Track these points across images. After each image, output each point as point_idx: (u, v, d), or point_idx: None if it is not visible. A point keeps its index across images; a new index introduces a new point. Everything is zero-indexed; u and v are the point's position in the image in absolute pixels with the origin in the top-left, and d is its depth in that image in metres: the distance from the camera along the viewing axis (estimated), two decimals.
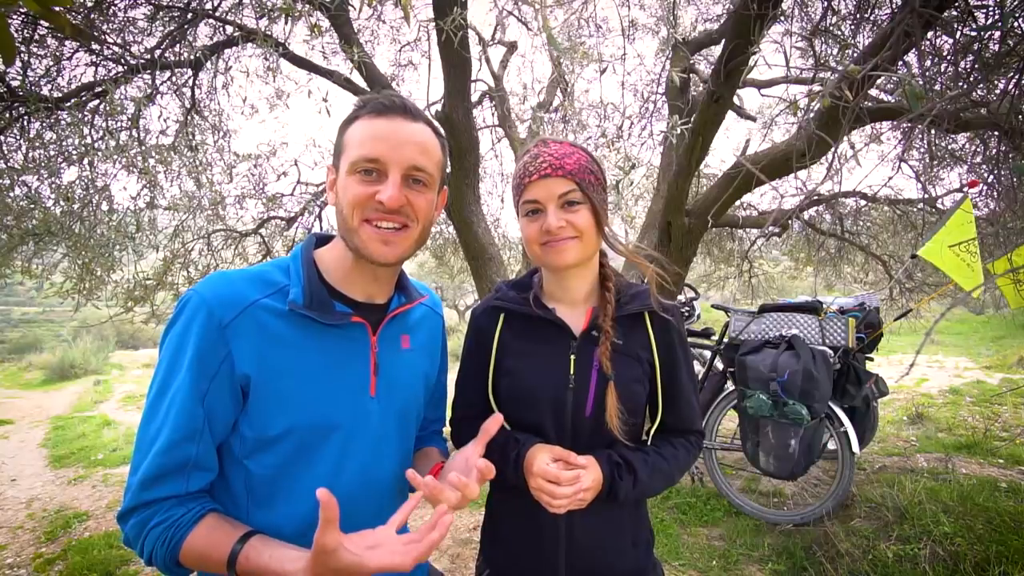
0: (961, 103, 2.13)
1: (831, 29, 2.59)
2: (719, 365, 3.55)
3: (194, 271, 4.22)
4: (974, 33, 1.76)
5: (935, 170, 4.15)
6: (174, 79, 3.64)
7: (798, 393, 2.66)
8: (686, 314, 4.14)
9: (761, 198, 5.55)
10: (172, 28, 3.33)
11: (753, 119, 5.10)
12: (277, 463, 0.86)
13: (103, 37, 3.08)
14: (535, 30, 3.56)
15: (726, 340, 3.29)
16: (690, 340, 3.90)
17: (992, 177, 2.63)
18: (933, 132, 3.00)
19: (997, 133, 2.57)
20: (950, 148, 3.69)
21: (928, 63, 2.09)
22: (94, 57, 3.19)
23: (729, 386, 3.37)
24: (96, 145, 3.27)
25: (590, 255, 1.05)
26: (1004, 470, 3.60)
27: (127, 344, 17.56)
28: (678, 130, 2.49)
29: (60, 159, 3.25)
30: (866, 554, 2.46)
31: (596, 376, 1.03)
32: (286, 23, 2.62)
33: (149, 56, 3.20)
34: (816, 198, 4.58)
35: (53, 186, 3.30)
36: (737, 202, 4.58)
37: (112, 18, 3.13)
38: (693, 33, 4.39)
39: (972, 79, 1.90)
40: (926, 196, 4.39)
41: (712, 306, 4.07)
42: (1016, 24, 1.60)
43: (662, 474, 1.05)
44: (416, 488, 0.81)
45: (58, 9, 0.50)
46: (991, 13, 1.82)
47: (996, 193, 2.65)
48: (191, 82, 3.73)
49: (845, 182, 5.58)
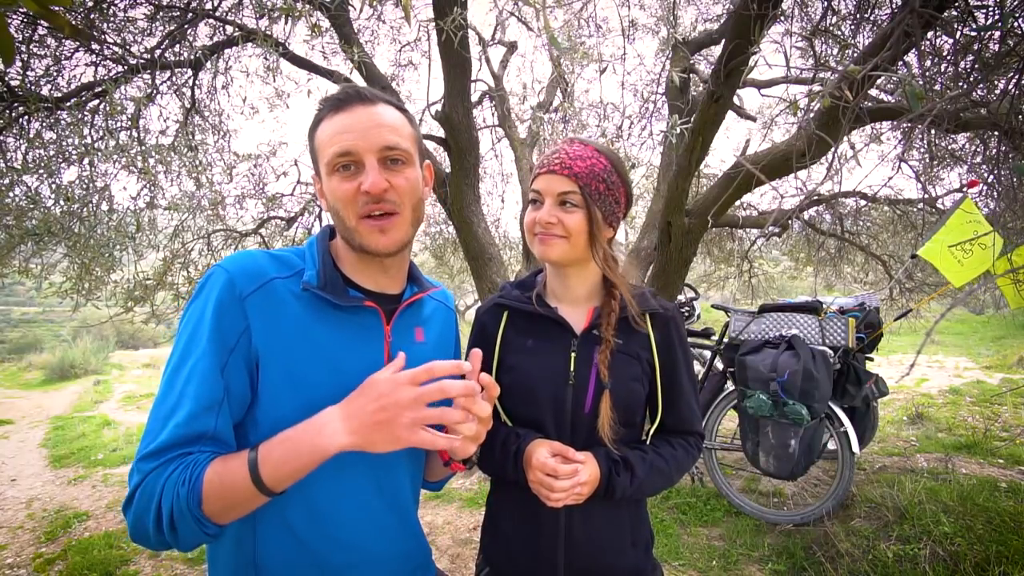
0: (961, 103, 2.13)
1: (831, 29, 2.59)
2: (719, 365, 3.55)
3: (194, 271, 4.22)
4: (974, 33, 1.76)
5: (935, 170, 4.15)
6: (174, 79, 3.64)
7: (798, 393, 2.66)
8: (686, 314, 4.14)
9: (761, 198, 5.55)
10: (172, 28, 3.33)
11: (753, 119, 5.10)
12: None
13: (103, 37, 3.08)
14: (535, 30, 3.57)
15: (726, 340, 3.29)
16: (690, 340, 3.90)
17: (992, 177, 2.63)
18: (933, 132, 3.00)
19: (997, 133, 2.57)
20: (950, 148, 3.69)
21: (928, 63, 2.09)
22: (94, 57, 3.19)
23: (729, 386, 3.37)
24: (96, 145, 3.27)
25: (577, 257, 1.07)
26: (1004, 470, 3.60)
27: (127, 344, 17.55)
28: (678, 130, 2.49)
29: (60, 159, 3.25)
30: (866, 554, 2.46)
31: (595, 374, 1.04)
32: (286, 23, 2.62)
33: (149, 56, 3.20)
34: (816, 198, 4.59)
35: (53, 186, 3.30)
36: (737, 202, 4.58)
37: (112, 18, 3.13)
38: (693, 33, 4.40)
39: (972, 79, 1.90)
40: (926, 196, 4.39)
41: (712, 306, 4.07)
42: (1016, 24, 1.60)
43: (660, 474, 1.05)
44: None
45: (57, 9, 0.50)
46: (991, 13, 1.82)
47: (996, 193, 2.65)
48: (191, 82, 3.74)
49: (845, 182, 5.59)
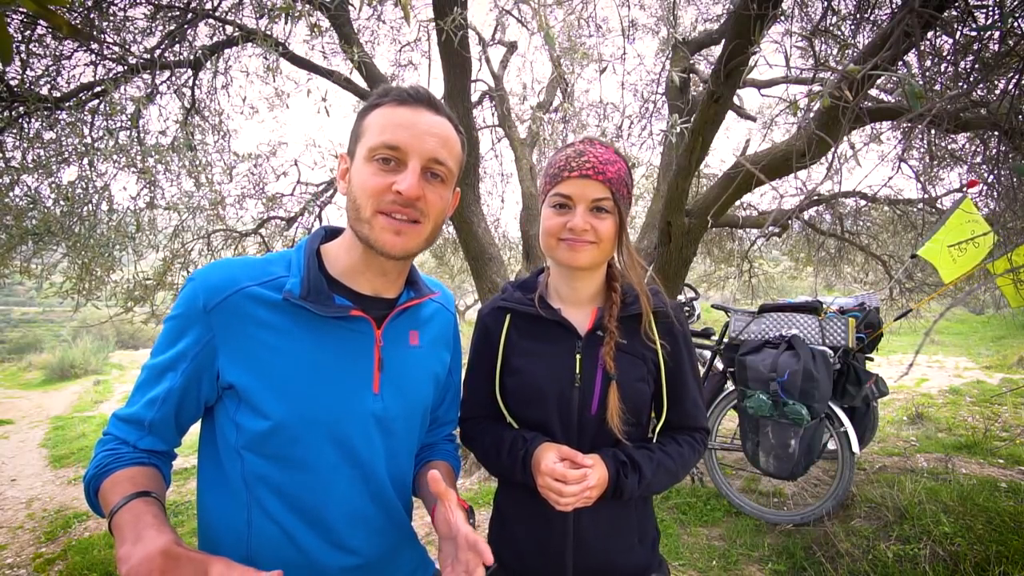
0: (961, 103, 2.13)
1: (831, 29, 2.59)
2: (719, 365, 3.55)
3: (193, 271, 4.21)
4: (974, 33, 1.76)
5: (935, 170, 4.15)
6: (174, 79, 3.64)
7: (798, 393, 2.66)
8: (686, 314, 4.14)
9: (761, 198, 5.55)
10: (172, 28, 3.33)
11: (753, 119, 5.11)
12: (274, 454, 0.85)
13: (102, 37, 3.07)
14: (534, 29, 3.57)
15: (726, 340, 3.29)
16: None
17: (992, 177, 2.63)
18: (933, 132, 3.00)
19: (997, 133, 2.57)
20: (950, 148, 3.69)
21: (928, 63, 2.09)
22: (94, 57, 3.18)
23: (729, 386, 3.37)
24: (96, 145, 3.27)
25: (602, 262, 1.07)
26: (1004, 470, 3.60)
27: (127, 344, 17.55)
28: (678, 130, 2.49)
29: (59, 159, 3.25)
30: (866, 554, 2.46)
31: (601, 375, 1.04)
32: (286, 23, 2.62)
33: (149, 56, 3.20)
34: (816, 198, 4.59)
35: (53, 186, 3.29)
36: (737, 202, 4.58)
37: (111, 17, 3.13)
38: (693, 33, 4.40)
39: (972, 79, 1.90)
40: (926, 196, 4.39)
41: (712, 306, 4.07)
42: (1016, 24, 1.60)
43: (667, 472, 1.06)
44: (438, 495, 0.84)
45: (56, 8, 0.50)
46: (991, 13, 1.82)
47: (996, 193, 2.65)
48: (191, 82, 3.73)
49: (845, 182, 5.59)
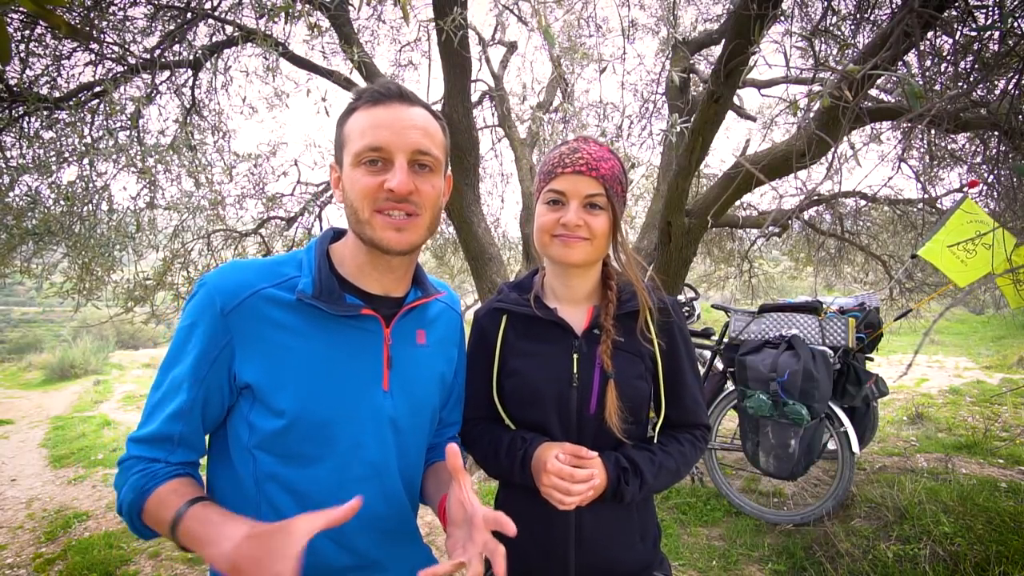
0: (961, 103, 2.13)
1: (831, 29, 2.59)
2: (719, 365, 3.55)
3: (194, 271, 4.22)
4: (974, 33, 1.76)
5: (935, 170, 4.14)
6: (174, 79, 3.64)
7: (798, 393, 2.66)
8: (686, 314, 4.14)
9: (761, 198, 5.55)
10: (172, 28, 3.33)
11: (753, 119, 5.10)
12: (286, 454, 0.86)
13: (102, 37, 3.07)
14: (534, 27, 3.57)
15: (726, 340, 3.29)
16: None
17: (992, 177, 2.63)
18: (933, 132, 3.00)
19: (997, 133, 2.57)
20: (950, 148, 3.69)
21: (928, 63, 2.09)
22: (93, 57, 3.18)
23: (729, 386, 3.37)
24: (96, 145, 3.26)
25: (596, 259, 1.07)
26: (1004, 470, 3.60)
27: (127, 344, 17.54)
28: (678, 129, 2.49)
29: (59, 159, 3.25)
30: (866, 554, 2.46)
31: (599, 374, 1.04)
32: (286, 23, 2.61)
33: (149, 56, 3.20)
34: (816, 198, 4.58)
35: (53, 186, 3.29)
36: (737, 202, 4.58)
37: (111, 17, 3.13)
38: (693, 33, 4.40)
39: (972, 79, 1.90)
40: (926, 196, 4.39)
41: (712, 306, 4.07)
42: (1016, 24, 1.60)
43: (668, 472, 1.06)
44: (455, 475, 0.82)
45: (54, 8, 0.50)
46: (991, 13, 1.82)
47: (996, 193, 2.65)
48: (191, 82, 3.73)
49: (845, 182, 5.59)
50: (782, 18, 2.51)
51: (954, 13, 1.79)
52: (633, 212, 5.35)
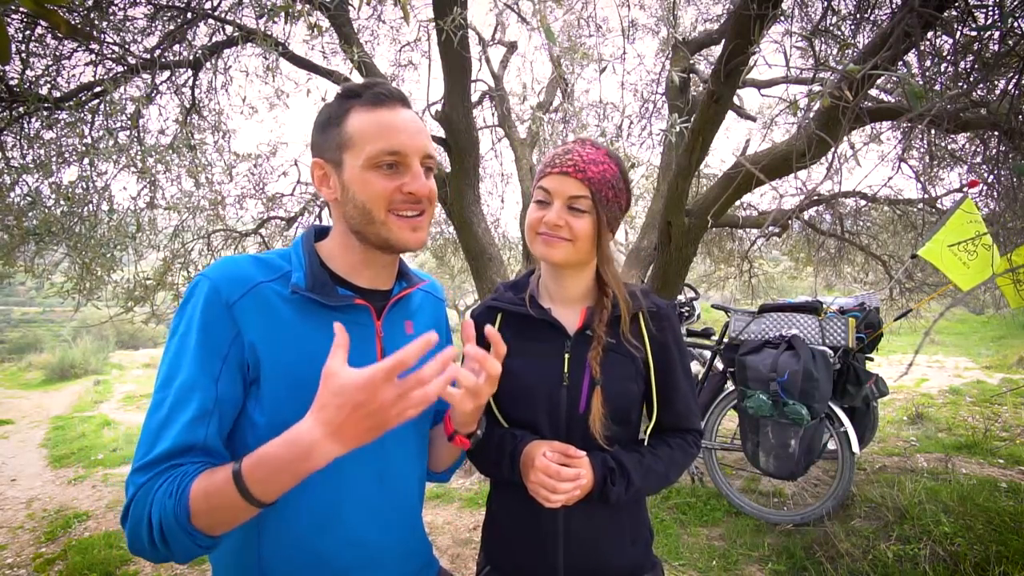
0: (961, 103, 2.13)
1: (831, 29, 2.59)
2: (719, 365, 3.55)
3: (194, 271, 4.22)
4: (974, 33, 1.76)
5: (935, 170, 4.14)
6: (174, 79, 3.64)
7: (798, 393, 2.66)
8: (686, 314, 4.14)
9: (761, 198, 5.55)
10: (172, 28, 3.33)
11: (753, 119, 5.10)
12: None
13: (102, 36, 3.07)
14: (534, 25, 3.56)
15: (726, 340, 3.29)
16: (690, 340, 3.89)
17: (992, 177, 2.63)
18: (933, 132, 3.00)
19: (997, 133, 2.57)
20: (950, 148, 3.69)
21: (928, 63, 2.09)
22: (94, 57, 3.18)
23: (729, 386, 3.37)
24: (96, 145, 3.26)
25: (579, 260, 1.07)
26: (1004, 470, 3.60)
27: (127, 344, 17.55)
28: (677, 129, 2.50)
29: (59, 159, 3.25)
30: (866, 554, 2.46)
31: (589, 374, 1.05)
32: (286, 23, 2.61)
33: (149, 56, 3.20)
34: (816, 198, 4.58)
35: (53, 186, 3.29)
36: (737, 202, 4.57)
37: (111, 17, 3.13)
38: (693, 33, 4.40)
39: (972, 79, 1.90)
40: (926, 196, 4.39)
41: (712, 306, 4.07)
42: (1016, 24, 1.60)
43: (657, 475, 1.06)
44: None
45: (55, 8, 0.50)
46: (991, 13, 1.82)
47: (996, 193, 2.65)
48: (191, 82, 3.73)
49: (845, 182, 5.59)
50: (782, 18, 2.51)
51: (954, 13, 1.78)
52: (633, 212, 5.35)
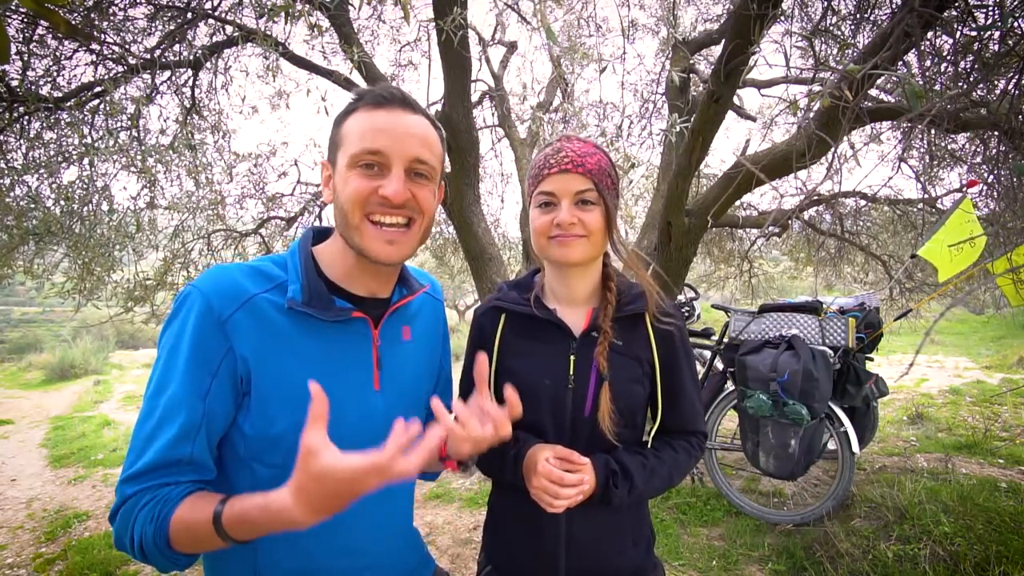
0: (961, 103, 2.13)
1: (831, 29, 2.59)
2: (719, 365, 3.55)
3: (194, 271, 4.22)
4: (974, 33, 1.76)
5: (935, 170, 4.14)
6: (174, 79, 3.64)
7: (798, 393, 2.66)
8: (686, 314, 4.14)
9: (761, 198, 5.55)
10: (172, 28, 3.33)
11: (753, 119, 5.10)
12: (284, 462, 0.84)
13: (102, 36, 3.08)
14: (534, 25, 3.57)
15: (726, 340, 3.29)
16: (690, 340, 3.89)
17: (992, 177, 2.63)
18: (933, 132, 3.00)
19: (997, 133, 2.57)
20: (950, 148, 3.69)
21: (928, 63, 2.09)
22: (94, 57, 3.18)
23: (729, 386, 3.37)
24: (96, 145, 3.26)
25: (595, 255, 1.06)
26: (1004, 470, 3.60)
27: (127, 344, 17.54)
28: (677, 129, 2.50)
29: (60, 159, 3.25)
30: (866, 554, 2.46)
31: (595, 376, 1.04)
32: (286, 22, 2.61)
33: (149, 56, 3.20)
34: (816, 198, 4.58)
35: (53, 186, 3.30)
36: (737, 202, 4.58)
37: (112, 17, 3.13)
38: (693, 33, 4.40)
39: (972, 79, 1.90)
40: (926, 196, 4.38)
41: (712, 306, 4.07)
42: (1016, 24, 1.60)
43: (660, 478, 1.05)
44: (438, 418, 0.78)
45: (55, 8, 0.50)
46: (991, 13, 1.82)
47: (996, 193, 2.65)
48: (191, 82, 3.73)
49: (845, 182, 5.59)
50: (782, 18, 2.51)
51: (954, 13, 1.79)
52: (633, 212, 5.36)
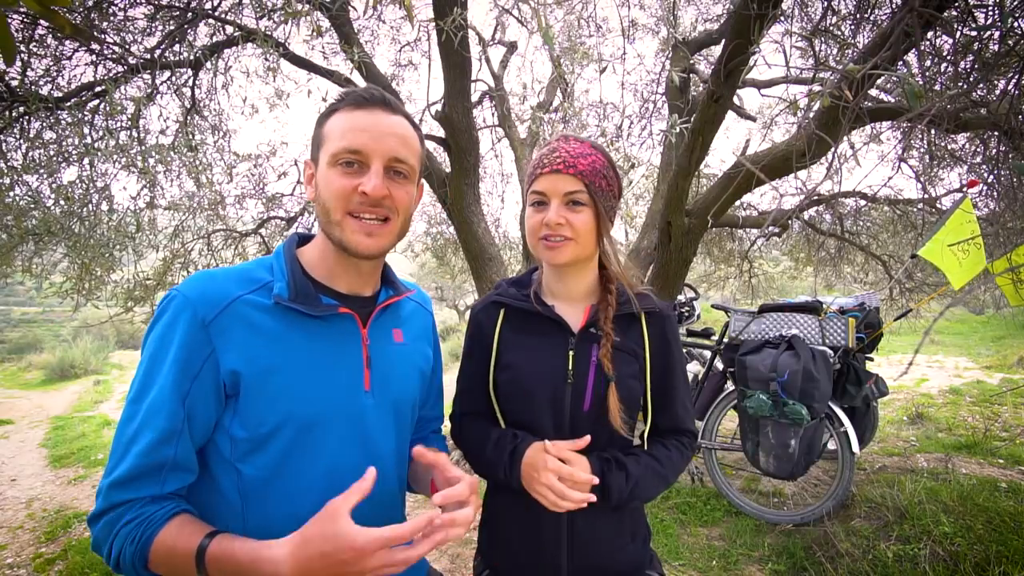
0: (961, 103, 2.13)
1: (831, 29, 2.59)
2: (719, 365, 3.55)
3: (194, 271, 4.22)
4: (974, 33, 1.76)
5: (935, 170, 4.15)
6: (174, 79, 3.64)
7: (798, 393, 2.66)
8: (686, 314, 4.14)
9: (761, 198, 5.56)
10: (172, 28, 3.33)
11: (753, 119, 5.10)
12: (272, 462, 0.85)
13: (103, 37, 3.08)
14: (534, 28, 3.57)
15: (726, 340, 3.29)
16: (690, 340, 3.90)
17: (992, 177, 2.63)
18: (933, 132, 3.00)
19: (997, 133, 2.57)
20: (950, 148, 3.69)
21: (928, 63, 2.09)
22: (94, 57, 3.19)
23: (729, 386, 3.37)
24: (96, 145, 3.27)
25: (585, 257, 1.06)
26: (1004, 470, 3.60)
27: (127, 344, 17.52)
28: (677, 129, 2.50)
29: (60, 159, 3.25)
30: (866, 554, 2.46)
31: (594, 372, 1.04)
32: (286, 23, 2.62)
33: (149, 56, 3.20)
34: (816, 198, 4.59)
35: (53, 186, 3.30)
36: (737, 202, 4.58)
37: (112, 17, 3.13)
38: (693, 33, 4.40)
39: (972, 79, 1.90)
40: (926, 196, 4.39)
41: (712, 306, 4.07)
42: (1016, 24, 1.60)
43: (656, 476, 1.05)
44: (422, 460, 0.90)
45: (58, 9, 0.50)
46: (991, 13, 1.82)
47: (996, 193, 2.65)
48: (191, 82, 3.74)
49: (845, 182, 5.58)
50: (782, 18, 2.51)
51: (954, 13, 1.79)
52: (633, 212, 5.36)
